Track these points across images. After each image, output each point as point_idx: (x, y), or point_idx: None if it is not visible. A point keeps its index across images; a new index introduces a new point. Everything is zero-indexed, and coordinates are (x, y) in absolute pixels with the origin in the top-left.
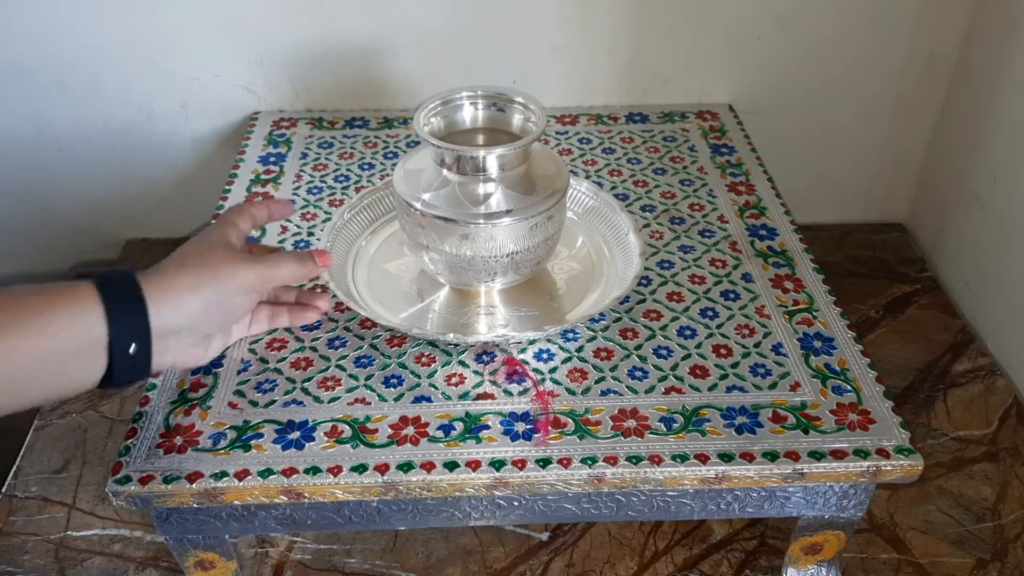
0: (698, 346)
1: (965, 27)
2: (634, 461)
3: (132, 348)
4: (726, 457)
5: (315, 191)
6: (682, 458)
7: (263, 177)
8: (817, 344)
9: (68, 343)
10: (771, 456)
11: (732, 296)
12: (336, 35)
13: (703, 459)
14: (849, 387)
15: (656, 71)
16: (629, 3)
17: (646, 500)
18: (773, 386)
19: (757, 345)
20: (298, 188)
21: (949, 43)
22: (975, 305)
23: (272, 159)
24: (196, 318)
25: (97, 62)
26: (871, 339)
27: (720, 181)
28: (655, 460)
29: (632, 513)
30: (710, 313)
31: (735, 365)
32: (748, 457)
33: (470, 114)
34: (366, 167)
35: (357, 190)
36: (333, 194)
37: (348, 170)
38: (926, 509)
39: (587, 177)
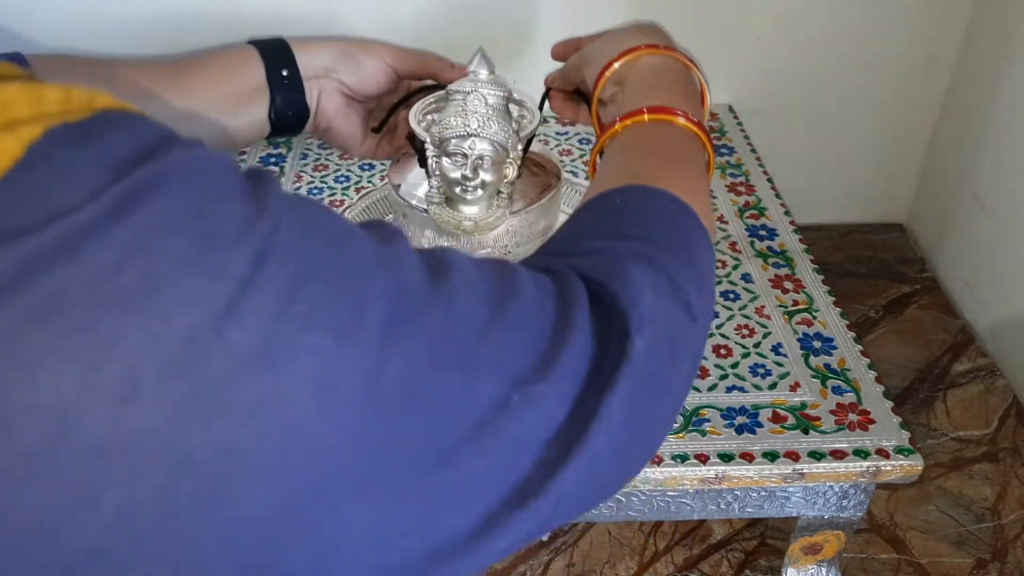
0: None
1: (965, 27)
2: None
3: (284, 72)
4: (726, 457)
5: (315, 192)
6: (682, 458)
7: None
8: (817, 344)
9: (235, 86)
10: (771, 456)
11: (732, 296)
12: (334, 34)
13: (703, 459)
14: (849, 387)
15: None
16: (628, 3)
17: (646, 500)
18: (773, 386)
19: (757, 345)
20: (298, 189)
21: (949, 43)
22: (975, 305)
23: (272, 160)
24: (333, 64)
25: None
26: (871, 339)
27: (720, 181)
28: (655, 460)
29: (632, 513)
30: None
31: (735, 365)
32: (748, 457)
33: None
34: (366, 167)
35: (357, 191)
36: (333, 195)
37: (348, 171)
38: (926, 509)
39: (587, 178)
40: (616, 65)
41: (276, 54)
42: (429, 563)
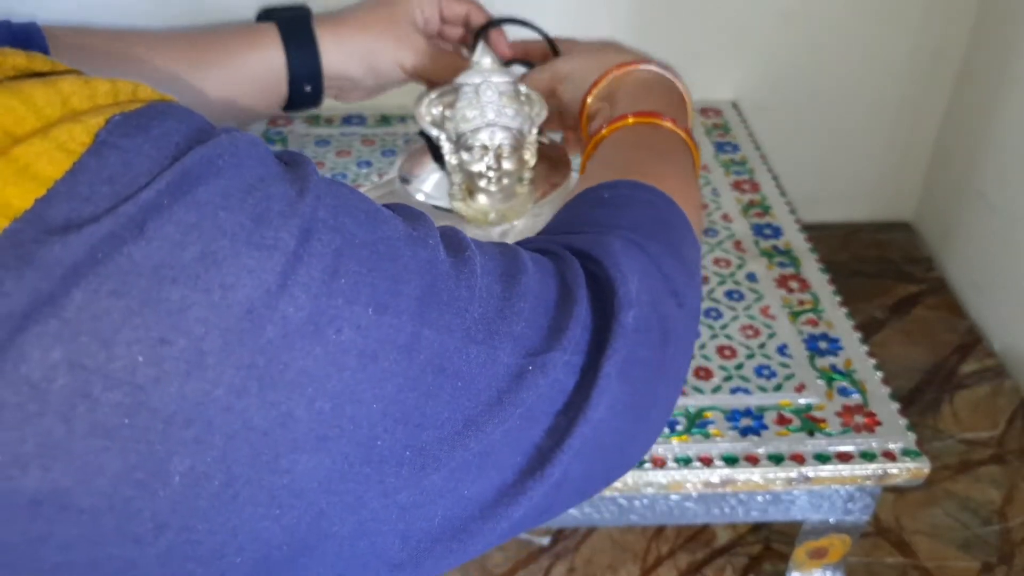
0: (702, 347)
1: (971, 25)
2: (637, 464)
3: (307, 88)
4: (730, 460)
5: None
6: (685, 461)
7: None
8: (823, 345)
9: (257, 77)
10: (776, 459)
11: (736, 296)
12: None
13: (707, 462)
14: (855, 389)
15: None
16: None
17: (648, 504)
18: (778, 388)
19: (762, 346)
20: None
21: (955, 40)
22: (982, 305)
23: None
24: (357, 76)
25: None
26: (877, 340)
27: (724, 179)
28: (658, 463)
29: (634, 517)
30: (714, 313)
31: (739, 366)
32: (752, 460)
33: None
34: (364, 164)
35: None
36: None
37: (346, 168)
38: (932, 512)
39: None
40: (607, 80)
41: (302, 65)
42: (449, 533)
